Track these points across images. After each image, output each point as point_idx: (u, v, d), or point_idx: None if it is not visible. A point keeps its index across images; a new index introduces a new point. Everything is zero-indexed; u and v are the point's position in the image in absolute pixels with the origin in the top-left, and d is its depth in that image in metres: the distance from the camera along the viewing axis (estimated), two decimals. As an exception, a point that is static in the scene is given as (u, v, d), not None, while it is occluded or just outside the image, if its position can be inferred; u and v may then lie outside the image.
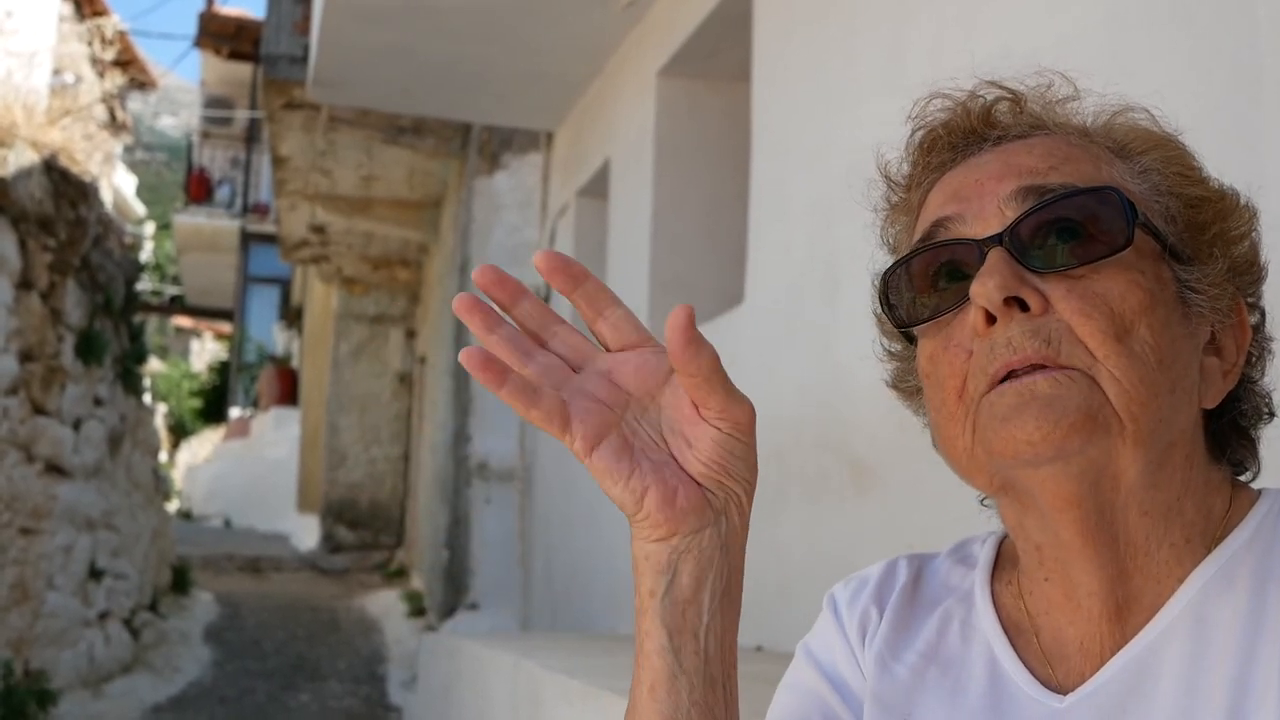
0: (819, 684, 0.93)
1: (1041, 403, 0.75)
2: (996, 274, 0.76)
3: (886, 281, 0.86)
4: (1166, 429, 0.78)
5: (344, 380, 13.30)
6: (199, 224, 21.20)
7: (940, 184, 0.87)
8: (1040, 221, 0.78)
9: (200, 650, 8.42)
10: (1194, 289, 0.81)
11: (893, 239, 0.93)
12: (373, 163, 9.10)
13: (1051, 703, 0.80)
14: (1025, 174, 0.81)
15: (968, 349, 0.79)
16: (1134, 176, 0.83)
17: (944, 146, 0.88)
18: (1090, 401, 0.75)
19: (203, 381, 25.32)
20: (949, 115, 0.88)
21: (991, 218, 0.80)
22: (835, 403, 3.25)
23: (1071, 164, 0.82)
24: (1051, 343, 0.76)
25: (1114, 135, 0.86)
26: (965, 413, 0.79)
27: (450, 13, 5.49)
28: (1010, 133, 0.86)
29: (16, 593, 5.94)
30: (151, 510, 8.80)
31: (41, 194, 6.11)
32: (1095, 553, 0.79)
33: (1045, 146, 0.84)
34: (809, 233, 3.54)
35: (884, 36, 3.21)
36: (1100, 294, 0.77)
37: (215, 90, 22.03)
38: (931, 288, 0.82)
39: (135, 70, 14.76)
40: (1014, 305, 0.77)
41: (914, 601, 0.92)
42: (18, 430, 5.92)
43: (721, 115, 4.98)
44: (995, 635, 0.86)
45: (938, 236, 0.83)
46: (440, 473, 8.65)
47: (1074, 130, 0.86)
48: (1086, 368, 0.75)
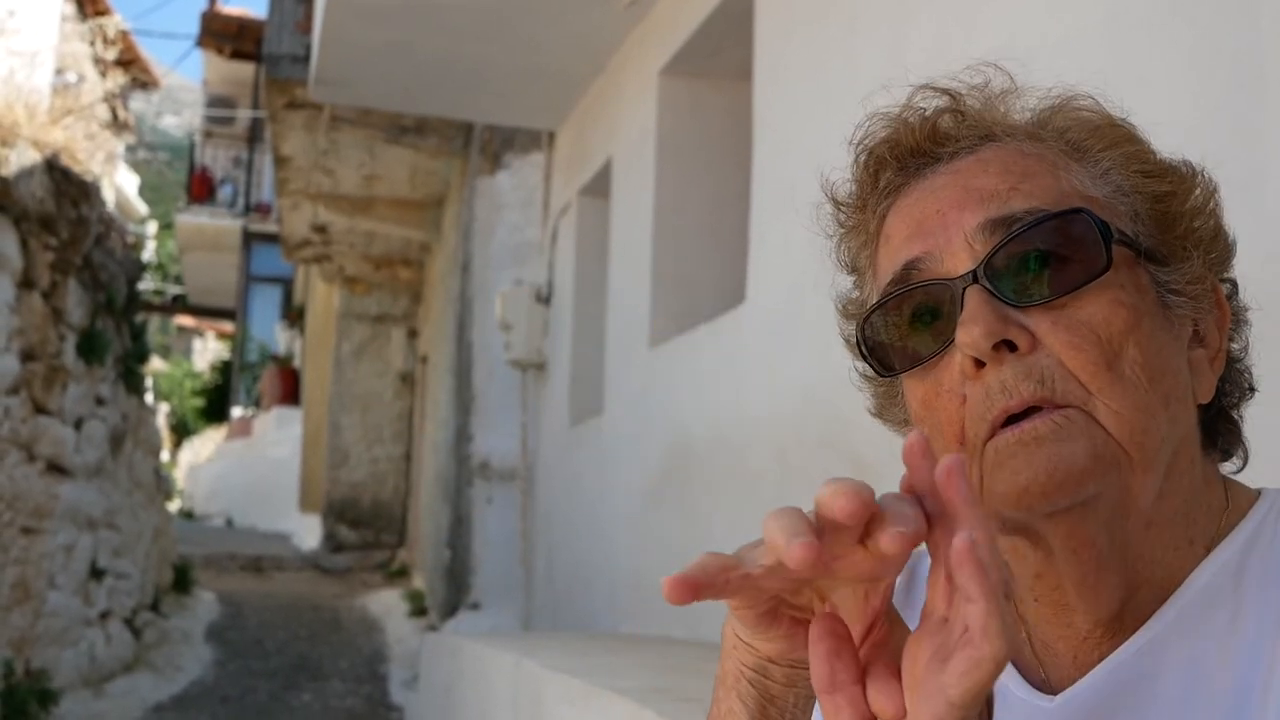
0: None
1: (1047, 450, 0.74)
2: (980, 320, 0.75)
3: (863, 329, 0.84)
4: (1169, 445, 0.77)
5: (346, 379, 13.30)
6: (201, 223, 21.21)
7: (897, 210, 0.84)
8: (1012, 253, 0.76)
9: (202, 649, 8.42)
10: (1174, 290, 0.79)
11: (849, 258, 0.92)
12: (375, 162, 9.10)
13: (1040, 703, 0.80)
14: (987, 200, 0.79)
15: (960, 394, 0.78)
16: (1095, 180, 0.81)
17: (892, 168, 0.85)
18: (1094, 442, 0.74)
19: (205, 381, 25.33)
20: (892, 132, 0.86)
21: (961, 253, 0.78)
22: (837, 401, 3.24)
23: (1031, 180, 0.79)
24: (1045, 382, 0.74)
25: (1066, 135, 0.83)
26: (970, 457, 0.78)
27: (452, 11, 5.48)
28: (960, 146, 0.83)
29: (18, 592, 5.94)
30: (153, 509, 8.80)
31: (43, 193, 6.11)
32: (1106, 581, 0.78)
33: (1000, 162, 0.81)
34: (811, 231, 3.53)
35: (885, 35, 3.21)
36: (1085, 322, 0.75)
37: (217, 90, 22.04)
38: (910, 329, 0.81)
39: (137, 70, 14.77)
40: (1003, 348, 0.75)
41: (906, 604, 0.91)
42: (19, 430, 5.92)
43: (723, 114, 4.97)
44: None
45: (910, 279, 0.81)
46: (442, 472, 8.65)
47: (1023, 134, 0.83)
48: (1082, 403, 0.74)
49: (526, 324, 6.82)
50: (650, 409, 4.95)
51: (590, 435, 5.90)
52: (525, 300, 6.84)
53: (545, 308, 6.84)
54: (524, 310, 6.82)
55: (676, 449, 4.60)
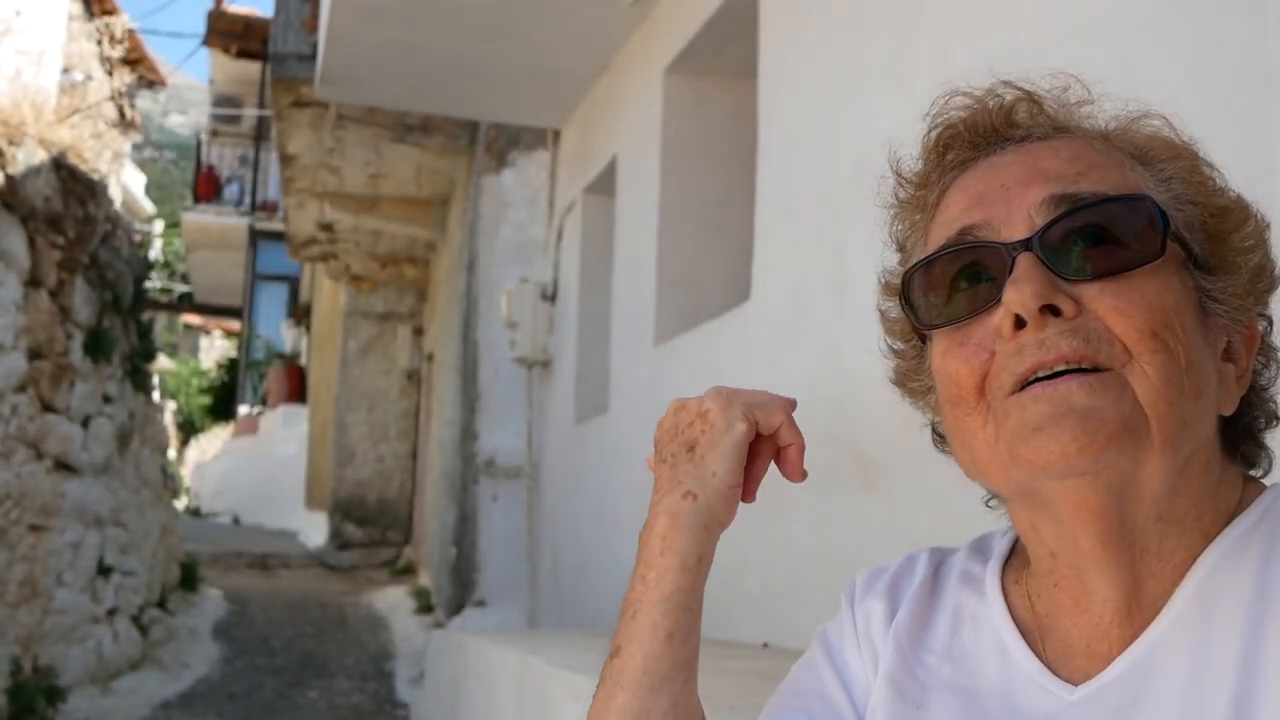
0: (825, 669, 0.95)
1: (1079, 414, 0.74)
2: (1032, 281, 0.76)
3: (907, 282, 0.85)
4: (1190, 434, 0.77)
5: (352, 377, 13.31)
6: (207, 222, 21.24)
7: (959, 184, 0.85)
8: (1070, 228, 0.78)
9: (209, 647, 8.44)
10: (1216, 299, 0.81)
11: (900, 235, 0.92)
12: (380, 160, 9.10)
13: (1063, 694, 0.80)
14: (1054, 179, 0.80)
15: (989, 349, 0.79)
16: (1157, 184, 0.82)
17: (964, 144, 0.87)
18: (1124, 408, 0.74)
19: (211, 379, 25.36)
20: (969, 113, 0.87)
21: (1020, 224, 0.80)
22: (842, 399, 3.24)
23: (1098, 170, 0.81)
24: (1089, 340, 0.75)
25: (1134, 141, 0.85)
26: (987, 409, 0.79)
27: (457, 10, 5.49)
28: (1032, 134, 0.85)
29: (25, 589, 5.96)
30: (160, 507, 8.82)
31: (50, 192, 6.13)
32: (1114, 560, 0.79)
33: (1071, 150, 0.83)
34: (816, 229, 3.53)
35: (890, 34, 3.21)
36: (1139, 289, 0.77)
37: (224, 88, 22.06)
38: (951, 290, 0.82)
39: (144, 68, 14.78)
40: (1047, 313, 0.76)
41: (932, 595, 0.93)
42: (26, 427, 5.94)
43: (728, 112, 4.98)
44: (1006, 627, 0.86)
45: (965, 242, 0.82)
46: (448, 470, 8.66)
47: (1094, 134, 0.85)
48: (1120, 366, 0.75)
49: (532, 322, 6.83)
50: (655, 406, 4.93)
51: (595, 433, 5.91)
52: (530, 298, 6.84)
53: (550, 305, 6.84)
54: (529, 308, 6.82)
55: (682, 447, 4.59)
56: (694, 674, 0.91)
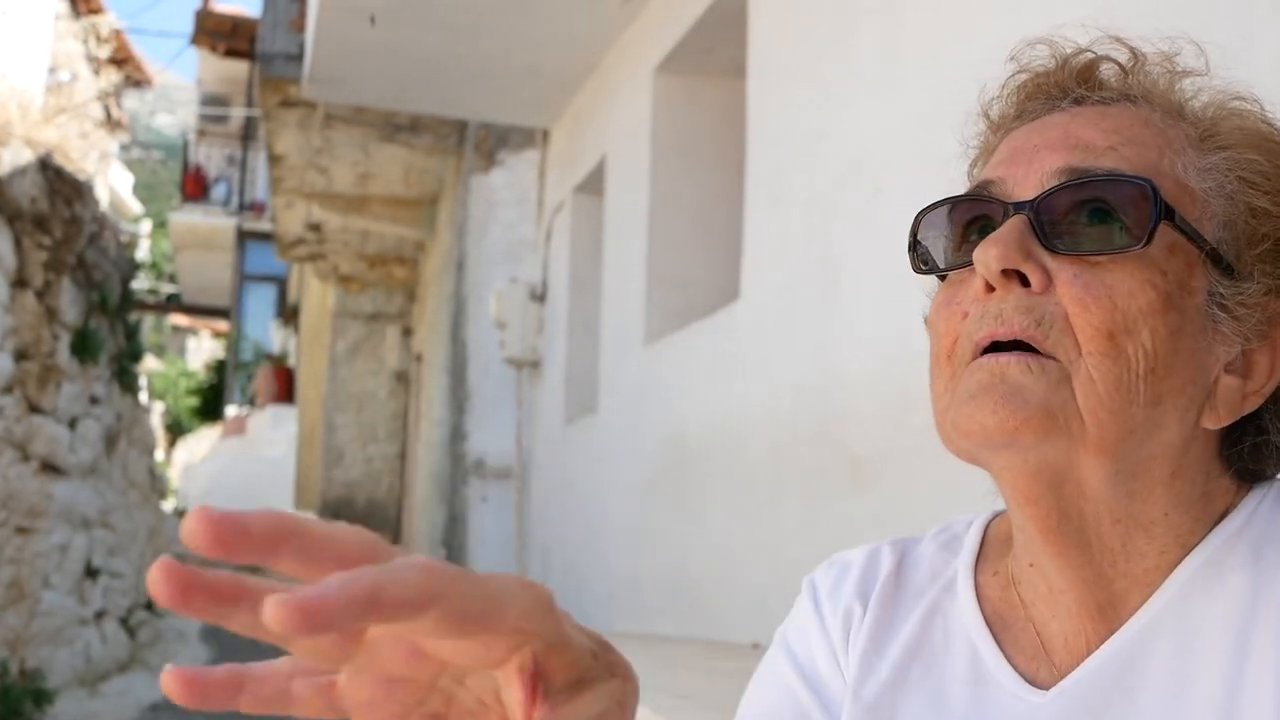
0: (794, 681, 0.90)
1: (1005, 389, 0.72)
2: (1000, 243, 0.74)
3: (919, 221, 0.83)
4: (1139, 441, 0.74)
5: (341, 378, 13.28)
6: (195, 222, 21.19)
7: (1012, 136, 0.83)
8: (1075, 200, 0.75)
9: (197, 649, 8.41)
10: (1225, 304, 0.76)
11: (971, 177, 0.90)
12: (369, 160, 9.08)
13: (1033, 698, 0.78)
14: (1080, 149, 0.78)
15: (965, 310, 0.77)
16: (1200, 172, 0.78)
17: (1040, 96, 0.85)
18: (1052, 400, 0.72)
19: (199, 380, 25.29)
20: (1046, 66, 0.86)
21: (1030, 187, 0.77)
22: (832, 398, 3.24)
23: (1133, 146, 0.78)
24: (1042, 324, 0.73)
25: (1202, 124, 0.81)
26: (951, 374, 0.77)
27: (446, 9, 5.48)
28: (1102, 96, 0.82)
29: (13, 592, 5.94)
30: (148, 509, 8.79)
31: (37, 192, 6.10)
32: (1059, 552, 0.77)
33: (1117, 121, 0.80)
34: (805, 228, 3.54)
35: (878, 33, 3.21)
36: (1109, 286, 0.73)
37: (211, 88, 22.01)
38: (963, 240, 0.80)
39: (131, 68, 14.74)
40: (1014, 278, 0.74)
41: (897, 592, 0.89)
42: (13, 429, 5.91)
43: (718, 111, 4.98)
44: (977, 628, 0.84)
45: (978, 194, 0.80)
46: (437, 470, 8.65)
47: (1170, 107, 0.82)
48: (1067, 361, 0.73)
49: (521, 322, 6.82)
50: (645, 406, 4.95)
51: (585, 433, 5.90)
52: (520, 298, 6.83)
53: (540, 305, 6.84)
54: (519, 308, 6.81)
55: (671, 446, 4.60)
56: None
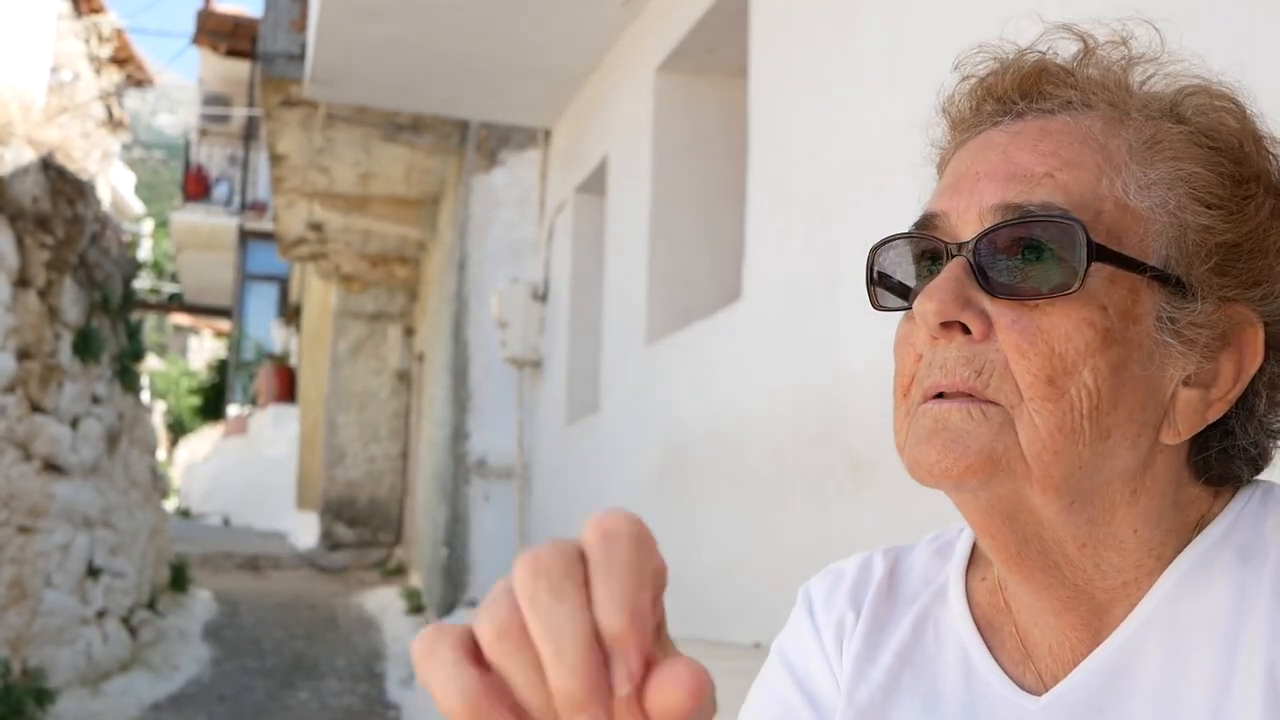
0: (790, 692, 0.90)
1: (948, 436, 0.73)
2: (937, 296, 0.73)
3: (875, 255, 0.82)
4: (1087, 475, 0.74)
5: (342, 378, 13.29)
6: (197, 222, 21.20)
7: (960, 153, 0.82)
8: (1011, 238, 0.74)
9: (199, 648, 8.41)
10: (1175, 327, 0.75)
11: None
12: (370, 160, 9.09)
13: (1026, 704, 0.79)
14: (1016, 180, 0.76)
15: (919, 352, 0.77)
16: (1141, 189, 0.76)
17: (991, 100, 0.83)
18: (995, 445, 0.73)
19: (201, 379, 25.30)
20: (992, 72, 0.84)
21: (970, 224, 0.77)
22: (834, 398, 3.24)
23: (1071, 170, 0.76)
24: (983, 374, 0.73)
25: (1146, 130, 0.78)
26: (907, 411, 0.78)
27: (448, 8, 5.48)
28: (1045, 106, 0.80)
29: (14, 591, 5.94)
30: (149, 508, 8.79)
31: (39, 192, 6.10)
32: (1025, 576, 0.78)
33: (1055, 142, 0.77)
34: (807, 228, 3.53)
35: (880, 31, 3.21)
36: (1045, 331, 0.73)
37: (213, 88, 22.02)
38: (918, 270, 0.80)
39: (133, 68, 14.74)
40: (955, 327, 0.74)
41: (890, 598, 0.90)
42: (15, 428, 5.91)
43: (719, 111, 4.97)
44: (969, 634, 0.84)
45: (924, 228, 0.80)
46: (439, 470, 8.65)
47: (1115, 104, 0.79)
48: (1009, 406, 0.73)
49: (523, 321, 6.82)
50: (647, 406, 4.95)
51: (587, 433, 5.90)
52: (522, 298, 6.83)
53: (541, 305, 6.83)
54: (520, 308, 6.81)
55: (673, 446, 4.60)
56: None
